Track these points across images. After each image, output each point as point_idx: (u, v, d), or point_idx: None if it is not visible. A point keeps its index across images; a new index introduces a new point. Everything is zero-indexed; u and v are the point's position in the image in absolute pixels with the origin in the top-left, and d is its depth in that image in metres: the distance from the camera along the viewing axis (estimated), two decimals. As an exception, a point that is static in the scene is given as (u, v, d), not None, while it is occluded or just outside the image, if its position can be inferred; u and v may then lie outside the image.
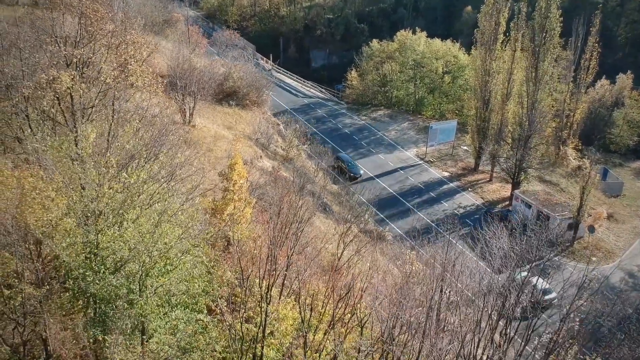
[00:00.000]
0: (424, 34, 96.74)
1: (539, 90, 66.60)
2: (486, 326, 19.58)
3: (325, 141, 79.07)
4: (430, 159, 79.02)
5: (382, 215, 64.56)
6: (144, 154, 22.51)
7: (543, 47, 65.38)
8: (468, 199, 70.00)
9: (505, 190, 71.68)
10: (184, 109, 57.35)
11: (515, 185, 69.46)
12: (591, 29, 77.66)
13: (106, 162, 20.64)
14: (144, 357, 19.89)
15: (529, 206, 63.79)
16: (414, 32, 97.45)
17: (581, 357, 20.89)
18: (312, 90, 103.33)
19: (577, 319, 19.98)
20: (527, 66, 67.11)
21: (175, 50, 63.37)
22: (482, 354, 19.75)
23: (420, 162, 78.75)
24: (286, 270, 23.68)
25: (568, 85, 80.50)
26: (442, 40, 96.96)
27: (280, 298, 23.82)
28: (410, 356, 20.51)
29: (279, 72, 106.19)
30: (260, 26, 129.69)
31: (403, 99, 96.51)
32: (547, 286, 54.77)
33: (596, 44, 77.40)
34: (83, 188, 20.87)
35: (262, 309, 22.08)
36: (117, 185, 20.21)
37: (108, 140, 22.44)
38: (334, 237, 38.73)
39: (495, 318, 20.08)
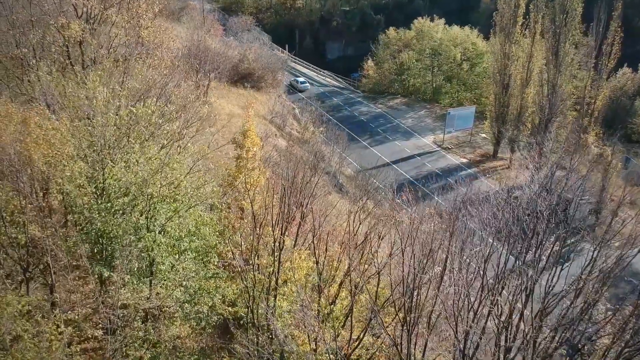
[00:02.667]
0: (442, 20, 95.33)
1: (559, 73, 65.18)
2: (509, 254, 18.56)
3: (341, 128, 78.15)
4: (448, 146, 77.68)
5: (398, 200, 63.34)
6: (156, 91, 21.77)
7: (564, 28, 63.96)
8: (487, 185, 68.57)
9: (525, 176, 70.16)
10: (199, 84, 56.59)
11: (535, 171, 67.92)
12: (613, 12, 75.77)
13: (113, 91, 19.86)
14: (150, 299, 19.08)
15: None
16: (431, 20, 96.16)
17: (611, 307, 19.80)
18: (327, 79, 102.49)
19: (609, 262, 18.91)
20: (548, 48, 65.70)
21: (190, 32, 62.97)
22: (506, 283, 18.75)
23: (437, 149, 77.48)
24: (301, 219, 22.78)
25: (589, 72, 78.59)
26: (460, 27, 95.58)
27: (294, 247, 22.89)
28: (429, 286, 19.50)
29: (294, 62, 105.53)
30: (276, 18, 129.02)
31: (420, 87, 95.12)
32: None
33: (618, 28, 75.41)
34: (89, 119, 20.14)
35: (275, 256, 21.18)
36: (123, 112, 19.40)
37: (122, 82, 21.69)
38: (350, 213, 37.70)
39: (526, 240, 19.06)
